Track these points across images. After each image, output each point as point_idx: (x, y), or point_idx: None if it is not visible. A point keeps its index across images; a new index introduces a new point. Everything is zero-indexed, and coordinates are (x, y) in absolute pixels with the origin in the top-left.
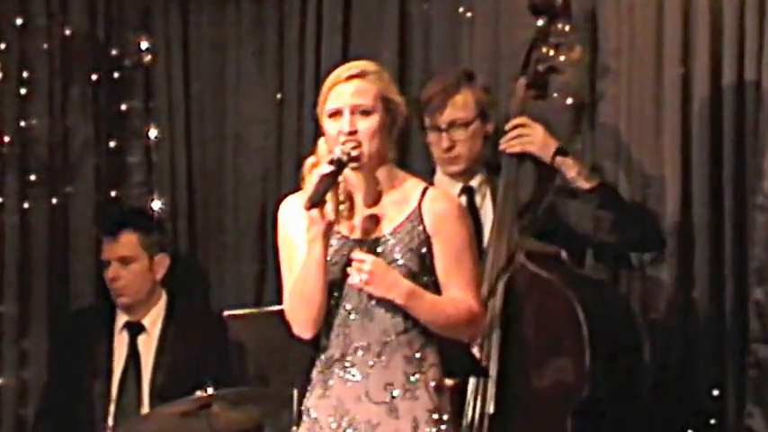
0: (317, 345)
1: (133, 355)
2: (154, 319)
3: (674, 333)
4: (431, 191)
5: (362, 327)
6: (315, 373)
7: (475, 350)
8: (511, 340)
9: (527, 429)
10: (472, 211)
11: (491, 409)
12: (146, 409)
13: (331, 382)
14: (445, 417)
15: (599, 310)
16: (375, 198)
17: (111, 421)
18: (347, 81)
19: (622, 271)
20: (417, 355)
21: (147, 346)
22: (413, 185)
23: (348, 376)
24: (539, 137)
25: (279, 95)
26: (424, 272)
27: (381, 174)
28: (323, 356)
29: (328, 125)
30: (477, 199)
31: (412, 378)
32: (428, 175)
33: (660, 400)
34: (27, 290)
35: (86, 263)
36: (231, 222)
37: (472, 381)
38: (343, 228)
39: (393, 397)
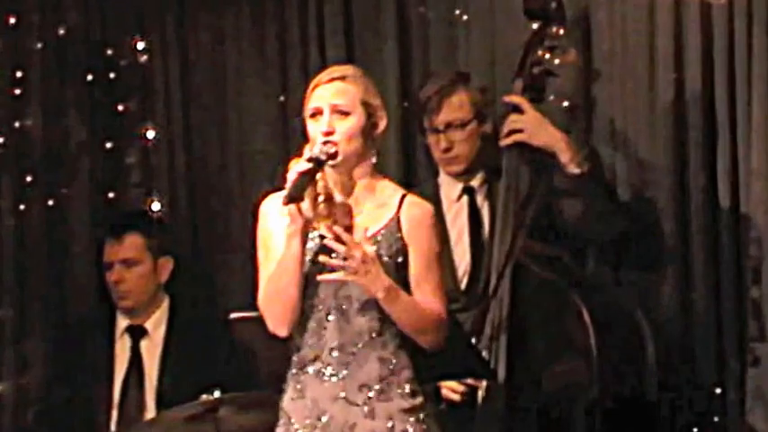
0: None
1: (136, 360)
2: (156, 323)
3: (674, 333)
4: (409, 198)
5: (338, 328)
6: (289, 375)
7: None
8: (518, 342)
9: (537, 429)
10: (473, 212)
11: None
12: (150, 413)
13: (305, 383)
14: (422, 416)
15: (603, 310)
16: (354, 201)
17: (113, 427)
18: (328, 83)
19: (623, 272)
20: (391, 356)
21: (150, 350)
22: (392, 191)
23: (323, 377)
24: (529, 123)
25: (282, 97)
26: (398, 279)
27: (361, 177)
28: (296, 357)
29: (310, 126)
30: (479, 199)
31: (387, 379)
32: (432, 176)
33: (664, 399)
34: (24, 293)
35: (84, 265)
36: (238, 224)
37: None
38: (321, 228)
39: (369, 398)
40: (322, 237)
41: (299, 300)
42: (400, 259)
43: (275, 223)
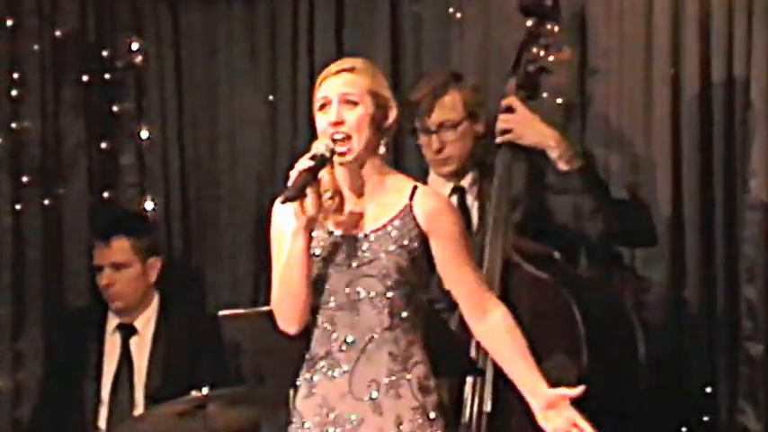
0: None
1: (126, 357)
2: (146, 321)
3: (666, 331)
4: (421, 189)
5: (348, 323)
6: (301, 373)
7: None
8: None
9: (525, 428)
10: (463, 212)
11: (488, 407)
12: (139, 409)
13: (316, 381)
14: (431, 415)
15: (594, 309)
16: (363, 193)
17: (103, 424)
18: (336, 74)
19: (615, 270)
20: (402, 352)
21: (140, 347)
22: (402, 183)
23: (332, 373)
24: (518, 122)
25: (271, 97)
26: (413, 269)
27: (371, 169)
28: (308, 355)
29: (318, 119)
30: (469, 199)
31: (396, 375)
32: (422, 177)
33: (654, 398)
34: (20, 292)
35: (79, 264)
36: (227, 223)
37: (469, 379)
38: (330, 223)
39: (377, 394)
40: (330, 233)
41: (307, 297)
42: (415, 248)
43: (286, 222)
